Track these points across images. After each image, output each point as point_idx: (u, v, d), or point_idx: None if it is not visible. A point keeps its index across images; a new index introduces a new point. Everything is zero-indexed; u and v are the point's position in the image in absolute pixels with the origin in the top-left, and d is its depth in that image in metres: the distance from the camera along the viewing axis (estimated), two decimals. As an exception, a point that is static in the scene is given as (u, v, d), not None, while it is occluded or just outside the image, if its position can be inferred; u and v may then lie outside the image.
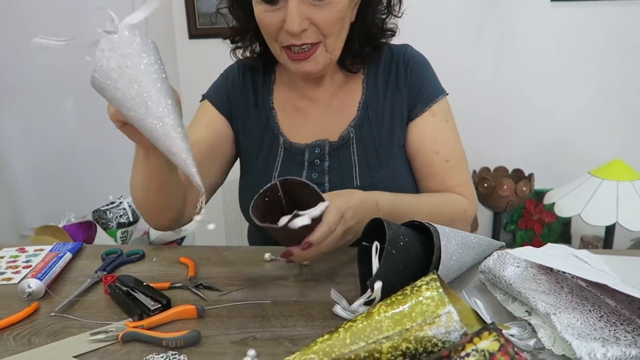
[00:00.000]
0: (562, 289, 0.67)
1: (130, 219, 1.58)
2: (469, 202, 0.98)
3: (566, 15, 2.11)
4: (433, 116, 0.97)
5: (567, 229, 2.33)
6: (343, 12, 0.85)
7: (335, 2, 0.83)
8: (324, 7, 0.83)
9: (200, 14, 2.23)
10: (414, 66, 0.97)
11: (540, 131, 2.27)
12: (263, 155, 0.99)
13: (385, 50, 0.99)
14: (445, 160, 0.96)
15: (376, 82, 0.98)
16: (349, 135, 0.96)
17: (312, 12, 0.83)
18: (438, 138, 0.97)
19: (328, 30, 0.85)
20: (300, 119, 1.00)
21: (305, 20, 0.83)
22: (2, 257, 0.93)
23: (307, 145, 0.97)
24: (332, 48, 0.88)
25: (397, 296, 0.59)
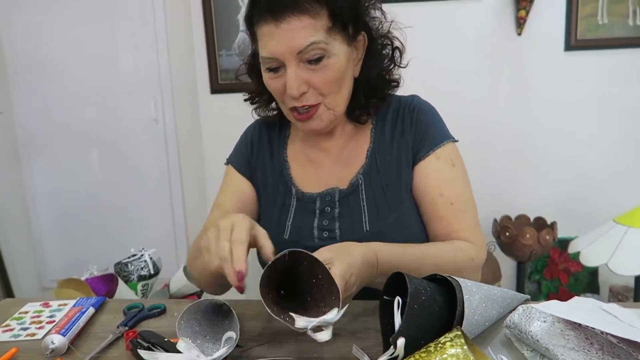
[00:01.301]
0: (592, 346, 0.64)
1: (151, 271, 1.59)
2: (476, 248, 0.96)
3: (581, 62, 2.15)
4: (437, 159, 0.98)
5: (595, 279, 2.26)
6: (340, 73, 0.89)
7: (331, 65, 0.88)
8: (320, 70, 0.88)
9: (222, 70, 2.32)
10: (419, 113, 1.00)
11: (561, 178, 2.25)
12: (278, 205, 1.03)
13: (393, 101, 1.03)
14: (449, 203, 0.96)
15: (384, 131, 1.01)
16: (358, 182, 0.99)
17: (309, 76, 0.88)
18: (442, 181, 0.97)
19: (326, 91, 0.90)
20: (312, 169, 1.04)
21: (304, 84, 0.88)
22: (26, 312, 0.94)
23: (318, 194, 1.00)
24: (333, 105, 0.93)
25: (421, 353, 0.58)
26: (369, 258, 0.81)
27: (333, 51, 0.87)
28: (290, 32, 0.85)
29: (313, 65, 0.87)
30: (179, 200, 2.68)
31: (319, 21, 0.85)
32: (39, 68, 2.60)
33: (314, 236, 0.99)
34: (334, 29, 0.87)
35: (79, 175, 2.70)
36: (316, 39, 0.85)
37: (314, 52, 0.86)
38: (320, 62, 0.87)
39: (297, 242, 0.99)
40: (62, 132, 2.66)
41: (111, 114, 2.61)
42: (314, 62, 0.87)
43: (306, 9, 0.84)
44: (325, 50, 0.87)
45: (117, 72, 2.57)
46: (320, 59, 0.87)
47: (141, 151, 2.65)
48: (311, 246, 0.81)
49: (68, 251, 2.80)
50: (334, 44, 0.87)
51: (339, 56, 0.88)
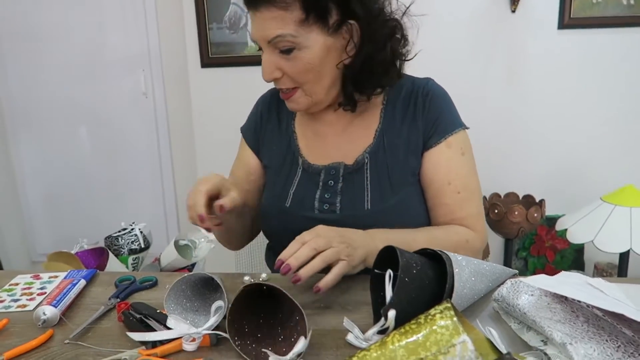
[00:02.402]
0: (578, 318, 0.66)
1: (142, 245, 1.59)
2: (474, 234, 0.97)
3: (574, 42, 2.14)
4: (448, 147, 0.98)
5: (580, 256, 2.30)
6: (312, 64, 0.89)
7: (301, 57, 0.88)
8: (291, 60, 0.89)
9: (212, 43, 2.28)
10: (432, 98, 0.99)
11: (550, 157, 2.27)
12: (283, 173, 1.05)
13: (407, 82, 1.02)
14: (457, 192, 0.97)
15: (394, 112, 1.00)
16: (364, 161, 0.99)
17: (282, 64, 0.90)
18: (452, 169, 0.98)
19: (300, 79, 0.91)
20: (318, 142, 1.04)
21: (277, 70, 0.91)
22: (17, 284, 0.94)
23: (324, 166, 1.01)
24: (310, 93, 0.94)
25: (411, 325, 0.59)
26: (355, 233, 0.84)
27: (305, 43, 0.87)
28: (262, 22, 0.87)
29: (285, 55, 0.89)
30: (169, 175, 2.67)
31: (289, 13, 0.85)
32: (26, 42, 2.54)
33: (314, 207, 0.99)
34: (307, 20, 0.86)
35: (68, 149, 2.67)
36: (283, 32, 0.86)
37: (282, 44, 0.87)
38: (291, 53, 0.88)
39: (297, 211, 1.00)
40: (51, 107, 2.62)
41: (100, 88, 2.57)
42: (285, 52, 0.88)
43: (276, 1, 0.84)
44: (294, 43, 0.87)
45: (106, 45, 2.52)
46: (291, 50, 0.88)
47: (131, 125, 2.61)
48: (310, 217, 0.84)
49: (57, 226, 2.78)
50: (307, 35, 0.87)
51: (311, 48, 0.88)
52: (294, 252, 0.77)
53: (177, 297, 0.77)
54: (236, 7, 2.24)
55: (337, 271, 0.78)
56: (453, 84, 2.23)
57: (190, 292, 0.79)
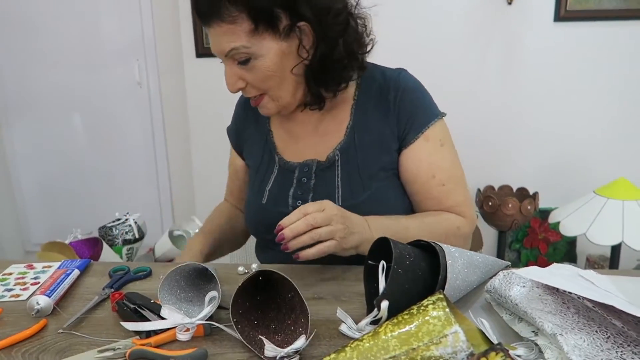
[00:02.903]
0: (569, 310, 0.67)
1: (136, 235, 1.59)
2: (464, 220, 0.98)
3: (569, 34, 2.14)
4: (427, 142, 0.97)
5: (573, 248, 2.32)
6: (271, 71, 0.90)
7: (258, 66, 0.89)
8: (250, 70, 0.90)
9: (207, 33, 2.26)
10: (404, 93, 0.98)
11: (544, 150, 2.27)
12: (261, 171, 1.07)
13: (378, 76, 1.01)
14: (442, 184, 0.98)
15: (366, 108, 1.00)
16: (335, 157, 0.99)
17: (243, 74, 0.91)
18: (433, 163, 0.98)
19: (263, 87, 0.92)
20: (293, 140, 1.05)
21: (240, 80, 0.92)
22: (10, 273, 0.93)
23: (298, 164, 1.02)
24: (276, 97, 0.95)
25: (404, 315, 0.59)
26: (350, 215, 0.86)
27: (259, 52, 0.88)
28: (216, 37, 0.88)
29: (244, 66, 0.90)
30: (163, 165, 2.66)
31: (238, 26, 0.86)
32: (20, 31, 2.51)
33: (288, 204, 1.00)
34: (258, 30, 0.86)
35: (61, 139, 2.66)
36: (235, 45, 0.87)
37: (237, 55, 0.88)
38: (248, 63, 0.89)
39: (273, 207, 1.01)
40: (45, 96, 2.60)
41: (94, 77, 2.55)
42: (243, 63, 0.89)
43: (224, 16, 0.85)
44: (249, 53, 0.88)
45: (100, 34, 2.50)
46: (247, 60, 0.89)
47: (125, 115, 2.60)
48: (285, 213, 0.83)
49: (51, 215, 2.77)
50: (260, 44, 0.87)
51: (267, 56, 0.88)
52: (293, 222, 0.79)
53: (171, 288, 0.77)
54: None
55: (322, 248, 0.80)
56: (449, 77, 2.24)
57: (184, 282, 0.79)
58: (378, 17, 1.01)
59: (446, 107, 1.04)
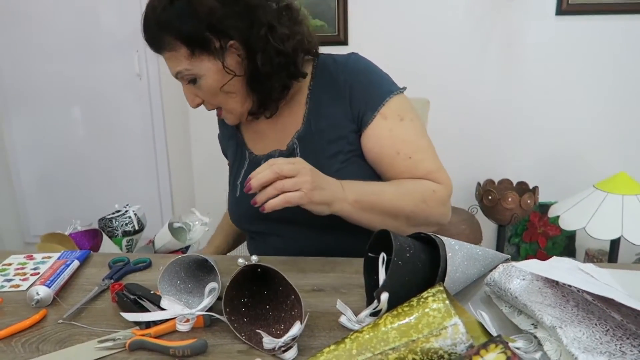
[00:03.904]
0: (568, 303, 0.67)
1: (136, 227, 1.58)
2: (440, 185, 0.98)
3: (571, 28, 2.13)
4: (384, 119, 0.98)
5: (572, 243, 2.32)
6: (214, 87, 0.96)
7: (203, 85, 0.96)
8: (199, 87, 0.97)
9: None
10: (354, 74, 1.00)
11: (544, 144, 2.27)
12: (234, 167, 1.13)
13: (329, 63, 1.03)
14: (408, 157, 0.98)
15: (319, 95, 1.02)
16: (294, 146, 1.02)
17: (195, 92, 0.99)
18: (396, 139, 0.98)
19: (214, 102, 1.00)
20: (258, 135, 1.11)
21: (195, 97, 0.99)
22: (10, 264, 0.93)
23: (263, 155, 1.07)
24: (230, 109, 1.01)
25: (404, 307, 0.59)
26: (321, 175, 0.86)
27: (200, 72, 0.94)
28: (166, 61, 0.97)
29: (193, 85, 0.97)
30: (163, 157, 2.65)
31: (178, 52, 0.93)
32: (18, 21, 2.49)
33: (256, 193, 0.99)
34: (194, 53, 0.93)
35: (61, 130, 2.65)
36: (180, 69, 0.94)
37: (185, 77, 0.96)
38: (196, 83, 0.96)
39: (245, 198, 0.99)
40: (44, 88, 2.58)
41: (93, 69, 2.54)
42: (191, 83, 0.97)
43: (165, 45, 0.93)
44: (193, 74, 0.95)
45: (99, 25, 2.48)
46: (194, 80, 0.96)
47: (124, 107, 2.59)
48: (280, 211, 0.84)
49: (50, 207, 2.77)
50: (200, 65, 0.94)
51: (208, 75, 0.95)
52: (260, 173, 0.81)
53: (171, 279, 0.77)
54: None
55: (286, 198, 0.80)
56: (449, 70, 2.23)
57: (184, 273, 0.79)
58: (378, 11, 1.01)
59: (447, 101, 1.04)
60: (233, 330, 0.68)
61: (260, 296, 0.76)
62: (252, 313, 0.73)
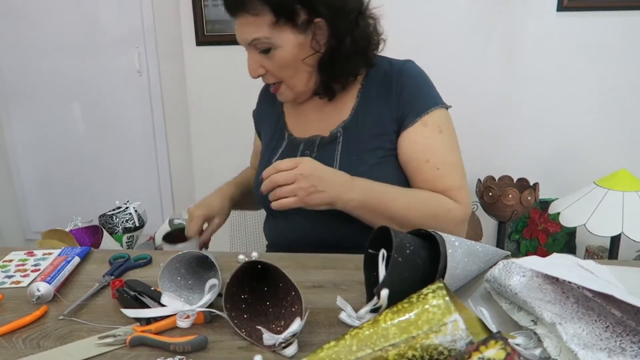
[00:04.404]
0: (568, 299, 0.67)
1: (136, 224, 1.59)
2: (457, 205, 0.99)
3: (572, 24, 2.12)
4: (424, 126, 1.00)
5: (572, 239, 2.32)
6: (288, 60, 0.98)
7: (277, 55, 0.97)
8: (270, 58, 0.98)
9: (208, 21, 2.25)
10: (407, 79, 1.03)
11: (545, 140, 2.27)
12: (271, 146, 1.15)
13: (385, 63, 1.06)
14: (436, 168, 1.00)
15: (370, 92, 1.06)
16: (337, 134, 1.05)
17: (263, 62, 0.99)
18: (429, 147, 1.00)
19: (281, 75, 1.01)
20: (302, 118, 1.13)
21: (260, 67, 1.00)
22: (10, 260, 0.94)
23: (303, 139, 1.09)
24: (292, 86, 1.03)
25: (404, 304, 0.59)
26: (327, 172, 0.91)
27: (279, 43, 0.96)
28: (241, 27, 0.97)
29: (265, 54, 0.98)
30: (163, 153, 2.65)
31: (261, 18, 0.94)
32: (19, 18, 2.49)
33: None
34: (279, 22, 0.94)
35: (61, 127, 2.65)
36: (258, 36, 0.95)
37: (259, 45, 0.97)
38: (269, 52, 0.97)
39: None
40: (44, 84, 2.58)
41: (94, 66, 2.54)
42: (264, 52, 0.98)
43: (249, 8, 0.93)
44: (270, 43, 0.96)
45: (100, 22, 2.48)
46: (268, 50, 0.97)
47: (125, 103, 2.59)
48: None
49: (51, 204, 2.77)
50: (280, 36, 0.95)
51: (286, 47, 0.96)
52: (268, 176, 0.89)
53: (172, 275, 0.77)
54: (232, -16, 2.20)
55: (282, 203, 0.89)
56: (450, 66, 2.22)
57: (184, 270, 0.79)
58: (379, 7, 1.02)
59: (447, 97, 1.04)
60: (233, 326, 0.68)
61: (260, 292, 0.76)
62: (253, 309, 0.73)
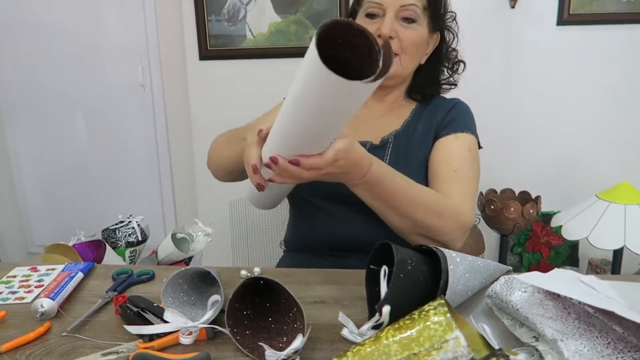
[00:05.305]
0: (569, 315, 0.67)
1: (139, 238, 1.59)
2: (465, 210, 0.98)
3: (572, 38, 2.14)
4: (456, 139, 1.08)
5: (575, 252, 2.32)
6: (421, 41, 1.07)
7: (418, 30, 1.06)
8: (409, 29, 1.05)
9: (211, 36, 2.28)
10: (454, 107, 1.14)
11: (546, 153, 2.27)
12: None
13: (439, 97, 1.18)
14: (453, 170, 1.03)
15: (422, 112, 1.14)
16: (389, 140, 1.10)
17: (399, 29, 1.05)
18: (454, 155, 1.06)
19: (408, 48, 1.06)
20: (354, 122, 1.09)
21: (394, 31, 1.04)
22: (14, 276, 0.94)
23: None
24: (405, 65, 1.08)
25: (405, 320, 0.60)
26: (363, 162, 0.85)
27: (422, 22, 1.06)
28: None
29: (405, 23, 1.04)
30: (166, 167, 2.66)
31: None
32: (24, 33, 2.52)
33: None
34: (426, 10, 1.06)
35: (65, 140, 2.66)
36: (416, 3, 1.04)
37: (410, 12, 1.04)
38: (411, 23, 1.05)
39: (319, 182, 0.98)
40: (48, 97, 2.61)
41: (98, 79, 2.56)
42: (406, 20, 1.04)
43: None
44: (418, 16, 1.05)
45: (104, 36, 2.51)
46: (413, 21, 1.05)
47: (128, 117, 2.61)
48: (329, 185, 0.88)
49: (54, 217, 2.78)
50: (423, 18, 1.06)
51: (424, 29, 1.07)
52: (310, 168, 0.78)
53: (174, 291, 0.77)
54: (235, 0, 2.23)
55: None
56: (451, 80, 2.21)
57: (187, 285, 0.80)
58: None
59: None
60: (236, 342, 0.68)
61: (262, 309, 0.76)
62: (255, 325, 0.73)
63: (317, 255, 1.11)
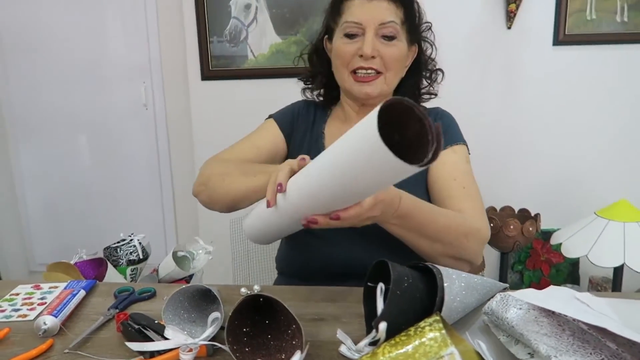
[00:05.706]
0: (564, 332, 0.68)
1: (140, 256, 1.60)
2: (482, 224, 1.00)
3: (568, 58, 2.17)
4: (454, 153, 1.10)
5: (576, 270, 2.32)
6: (402, 56, 1.09)
7: (398, 46, 1.07)
8: (390, 46, 1.06)
9: (213, 56, 2.31)
10: (440, 116, 1.17)
11: (545, 171, 2.29)
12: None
13: None
14: (462, 187, 1.05)
15: None
16: None
17: (381, 48, 1.06)
18: (457, 169, 1.07)
19: (390, 65, 1.07)
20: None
21: (375, 50, 1.05)
22: (17, 293, 0.95)
23: None
24: (389, 82, 1.10)
25: (401, 337, 0.61)
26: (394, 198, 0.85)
27: (401, 38, 1.08)
28: (378, 8, 1.05)
29: (386, 41, 1.06)
30: (168, 186, 2.69)
31: (398, 10, 1.07)
32: (28, 50, 2.57)
33: None
34: (404, 24, 1.08)
35: (68, 159, 2.69)
36: (395, 20, 1.06)
37: (390, 29, 1.05)
38: (392, 40, 1.06)
39: None
40: (51, 116, 2.64)
41: (101, 99, 2.60)
42: (387, 38, 1.06)
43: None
44: (398, 33, 1.06)
45: (107, 56, 2.55)
46: (393, 38, 1.06)
47: (131, 137, 2.64)
48: None
49: (56, 235, 2.79)
50: (402, 33, 1.08)
51: (403, 45, 1.09)
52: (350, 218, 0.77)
53: (175, 308, 0.78)
54: (237, 21, 2.27)
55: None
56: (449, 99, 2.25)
57: (187, 303, 0.81)
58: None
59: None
60: (235, 359, 0.69)
61: (262, 325, 0.77)
62: (254, 342, 0.74)
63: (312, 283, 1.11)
